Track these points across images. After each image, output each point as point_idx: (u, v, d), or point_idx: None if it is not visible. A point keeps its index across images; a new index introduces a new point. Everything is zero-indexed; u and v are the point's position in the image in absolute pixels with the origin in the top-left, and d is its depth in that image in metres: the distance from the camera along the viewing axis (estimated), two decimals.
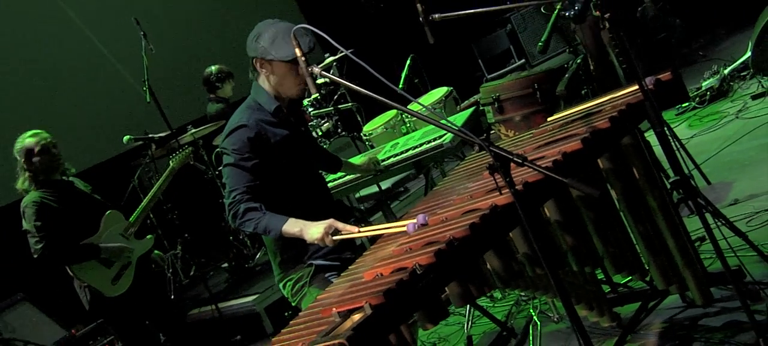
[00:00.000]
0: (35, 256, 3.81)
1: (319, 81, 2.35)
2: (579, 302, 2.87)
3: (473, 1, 2.59)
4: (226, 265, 6.02)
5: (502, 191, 2.15)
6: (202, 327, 5.27)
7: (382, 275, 2.06)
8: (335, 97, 6.24)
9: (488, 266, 2.28)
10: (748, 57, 5.79)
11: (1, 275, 5.28)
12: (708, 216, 2.77)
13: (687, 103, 5.68)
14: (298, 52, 2.31)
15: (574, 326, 2.13)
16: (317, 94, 2.45)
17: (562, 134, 2.65)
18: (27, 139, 3.87)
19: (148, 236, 4.24)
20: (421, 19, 2.52)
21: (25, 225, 3.81)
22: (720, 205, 3.76)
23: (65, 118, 6.37)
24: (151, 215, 5.66)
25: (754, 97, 5.31)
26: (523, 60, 7.29)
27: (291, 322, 2.14)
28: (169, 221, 6.04)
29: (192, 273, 6.01)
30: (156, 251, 4.28)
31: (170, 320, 4.25)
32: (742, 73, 5.86)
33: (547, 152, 2.50)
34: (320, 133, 5.80)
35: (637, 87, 2.58)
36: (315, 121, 5.88)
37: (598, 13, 2.54)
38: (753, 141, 4.58)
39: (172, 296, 5.62)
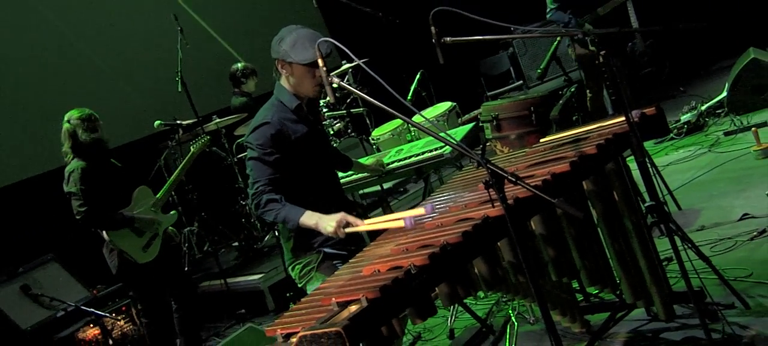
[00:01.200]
0: (78, 217, 3.81)
1: (334, 85, 2.33)
2: (554, 308, 2.87)
3: (481, 26, 2.56)
4: (236, 244, 6.01)
5: (495, 205, 2.13)
6: (210, 299, 5.27)
7: (379, 271, 2.05)
8: (348, 100, 6.23)
9: (476, 271, 2.27)
10: (724, 97, 5.79)
11: (34, 236, 5.26)
12: (677, 239, 2.79)
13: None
14: (320, 62, 2.30)
15: (548, 329, 2.13)
16: (331, 99, 2.43)
17: (552, 156, 2.63)
18: (75, 114, 3.91)
19: (172, 212, 4.25)
20: (433, 40, 2.50)
21: (70, 188, 3.81)
22: (688, 229, 3.75)
23: (106, 99, 6.31)
24: (174, 194, 5.65)
25: (727, 134, 5.30)
26: (520, 81, 7.30)
27: (293, 307, 2.12)
28: (188, 199, 6.03)
29: (205, 249, 6.00)
30: (171, 228, 4.28)
31: (183, 290, 4.23)
32: (717, 111, 5.86)
33: (537, 171, 2.49)
34: (332, 133, 5.78)
35: (624, 119, 2.58)
36: (328, 121, 5.86)
37: (594, 48, 2.54)
38: (722, 174, 4.57)
39: (186, 269, 5.61)
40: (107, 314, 4.86)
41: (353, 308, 1.87)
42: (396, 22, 5.92)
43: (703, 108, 5.88)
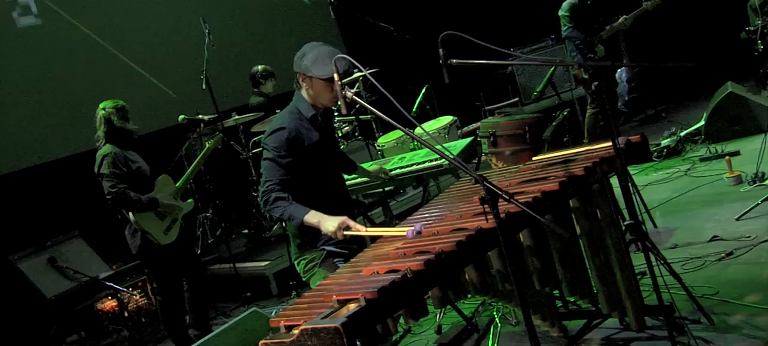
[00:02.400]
0: (108, 197, 3.80)
1: (347, 99, 2.34)
2: (535, 313, 2.84)
3: (485, 51, 2.56)
4: (246, 231, 6.00)
5: (488, 218, 2.11)
6: (219, 281, 5.25)
7: (378, 273, 2.02)
8: (357, 106, 6.21)
9: (466, 277, 2.24)
10: (702, 125, 5.77)
11: (62, 213, 5.24)
12: (651, 256, 2.77)
13: None
14: (336, 76, 2.31)
15: (528, 332, 2.11)
16: (344, 111, 2.46)
17: (543, 174, 2.61)
18: (110, 104, 3.91)
19: (189, 200, 4.23)
20: (441, 61, 2.49)
21: (102, 170, 3.81)
22: (662, 247, 3.74)
23: (137, 92, 6.35)
24: (192, 182, 5.64)
25: (702, 160, 5.28)
26: (517, 98, 7.29)
27: (296, 300, 2.10)
28: (205, 188, 6.00)
29: (218, 234, 5.97)
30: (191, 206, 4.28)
31: (195, 271, 4.21)
32: (695, 138, 5.84)
33: (528, 188, 2.47)
34: (340, 135, 5.76)
35: (611, 144, 2.55)
36: (337, 123, 5.84)
37: (587, 76, 2.52)
38: (696, 197, 4.54)
39: (199, 252, 5.60)
40: (124, 289, 4.86)
41: (352, 306, 1.85)
42: (406, 37, 5.91)
43: (682, 134, 5.87)
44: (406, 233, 2.28)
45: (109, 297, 5.01)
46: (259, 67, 6.14)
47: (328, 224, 2.51)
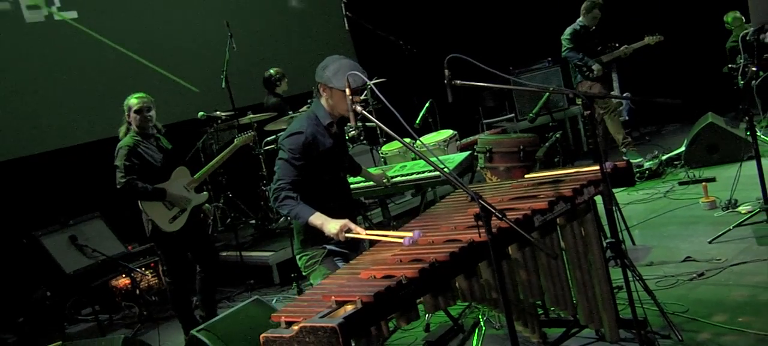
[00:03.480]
0: (118, 186, 3.79)
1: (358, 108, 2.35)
2: (518, 320, 2.81)
3: (486, 74, 2.56)
4: (253, 222, 5.97)
5: (481, 232, 2.09)
6: (226, 267, 5.20)
7: (375, 277, 2.00)
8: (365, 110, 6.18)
9: (457, 285, 2.22)
10: (682, 151, 5.76)
11: (86, 195, 5.23)
12: (628, 272, 2.75)
13: None
14: (347, 91, 2.32)
15: (510, 337, 2.09)
16: (353, 124, 2.49)
17: (534, 192, 2.58)
18: (132, 99, 3.88)
19: (204, 192, 4.19)
20: (446, 81, 2.47)
21: (116, 162, 3.80)
22: (638, 263, 3.72)
23: (163, 85, 6.39)
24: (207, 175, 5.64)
25: (681, 183, 5.26)
26: (512, 114, 7.27)
27: (297, 298, 2.08)
28: (218, 180, 6.00)
29: (227, 222, 5.96)
30: (206, 205, 4.24)
31: (208, 257, 4.20)
32: (675, 162, 5.83)
33: (520, 205, 2.44)
34: (346, 138, 5.74)
35: (598, 168, 2.54)
36: (346, 127, 5.83)
37: (579, 103, 2.51)
38: (673, 218, 4.52)
39: (211, 237, 5.57)
40: (137, 269, 4.85)
41: (349, 307, 1.84)
42: (414, 52, 5.90)
43: (664, 158, 5.86)
44: (403, 240, 2.26)
45: (124, 275, 5.00)
46: (272, 70, 6.13)
47: (331, 226, 2.50)
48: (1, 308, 5.10)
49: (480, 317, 3.30)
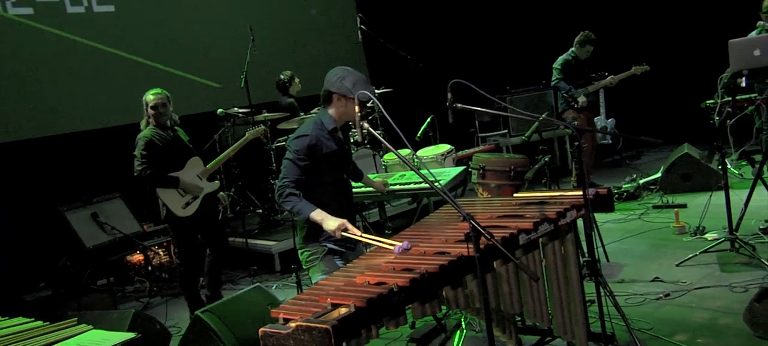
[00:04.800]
0: (135, 174, 3.80)
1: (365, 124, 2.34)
2: (497, 326, 2.80)
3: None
4: (260, 211, 5.94)
5: (470, 249, 2.07)
6: (232, 253, 5.17)
7: (369, 283, 1.98)
8: (369, 118, 6.17)
9: (444, 294, 2.19)
10: (659, 177, 5.73)
11: (109, 176, 5.21)
12: (601, 289, 2.73)
13: None
14: (357, 108, 2.34)
15: (489, 341, 2.08)
16: (359, 138, 2.52)
17: (520, 211, 2.56)
18: (149, 95, 3.87)
19: (216, 182, 4.17)
20: (447, 104, 2.46)
21: (135, 152, 3.80)
22: (610, 280, 3.70)
23: (185, 79, 6.40)
24: (221, 165, 5.60)
25: (655, 207, 5.25)
26: (506, 130, 7.25)
27: (297, 296, 2.05)
28: (231, 170, 5.97)
29: (237, 209, 5.93)
30: (222, 193, 4.22)
31: (219, 242, 4.18)
32: (651, 186, 5.80)
33: (507, 222, 2.41)
34: (352, 141, 5.71)
35: (581, 193, 2.51)
36: (350, 132, 5.80)
37: (569, 130, 2.48)
38: (645, 240, 4.51)
39: (221, 222, 5.55)
40: (150, 247, 4.84)
41: (343, 310, 1.81)
42: (420, 66, 5.87)
43: (641, 182, 5.84)
44: (394, 248, 2.24)
45: (138, 252, 4.98)
46: (283, 74, 6.10)
47: (330, 223, 2.50)
48: (27, 273, 5.11)
49: (462, 319, 3.28)
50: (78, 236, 4.53)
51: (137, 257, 5.10)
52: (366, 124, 2.27)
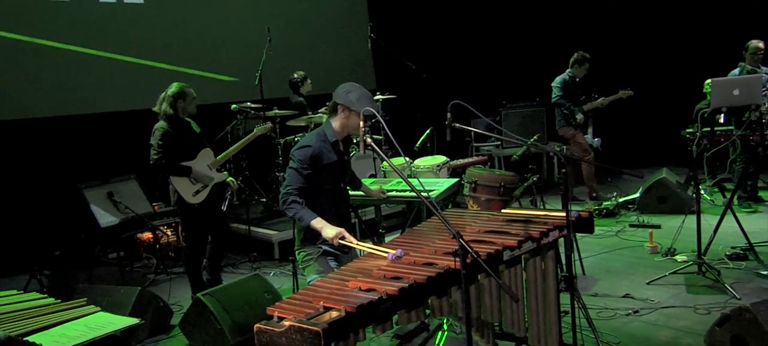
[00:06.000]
0: (151, 162, 3.78)
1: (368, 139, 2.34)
2: (476, 331, 2.79)
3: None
4: (264, 200, 5.91)
5: (456, 263, 2.05)
6: (235, 238, 5.17)
7: (360, 288, 1.96)
8: (374, 120, 6.12)
9: (429, 302, 2.18)
10: (637, 197, 5.72)
11: (127, 158, 5.18)
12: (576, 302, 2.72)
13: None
14: (361, 123, 2.35)
15: (467, 342, 2.06)
16: (362, 152, 2.55)
17: (506, 228, 2.54)
18: (174, 88, 3.83)
19: (224, 172, 4.14)
20: (446, 123, 2.45)
21: (152, 140, 3.77)
22: (584, 293, 3.68)
23: (202, 72, 6.35)
24: (231, 156, 5.58)
25: (632, 226, 5.23)
26: (499, 142, 7.23)
27: (292, 295, 2.02)
28: (239, 161, 5.95)
29: (243, 197, 5.91)
30: (230, 178, 4.20)
31: (221, 230, 4.16)
32: (629, 205, 5.79)
33: (494, 238, 2.39)
34: (354, 141, 5.67)
35: (564, 215, 2.50)
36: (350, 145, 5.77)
37: (557, 151, 2.46)
38: (621, 257, 4.49)
39: (225, 210, 5.53)
40: (159, 226, 4.82)
41: (334, 314, 1.79)
42: (424, 76, 5.84)
43: (620, 200, 5.82)
44: (387, 255, 2.22)
45: (148, 231, 4.96)
46: (296, 74, 6.08)
47: (329, 231, 2.48)
48: (43, 245, 5.11)
49: (444, 321, 3.27)
50: (93, 214, 4.51)
51: (147, 234, 5.08)
52: (369, 139, 2.25)
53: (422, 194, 2.08)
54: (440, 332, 3.15)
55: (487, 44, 8.21)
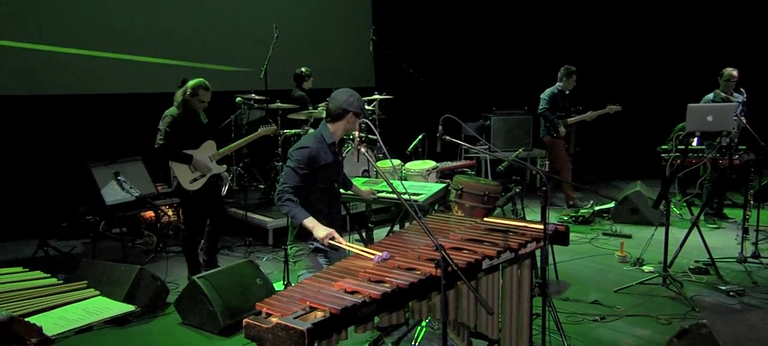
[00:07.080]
0: (155, 146, 3.74)
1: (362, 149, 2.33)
2: (453, 330, 2.80)
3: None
4: (262, 187, 5.87)
5: (438, 271, 2.05)
6: (232, 222, 5.13)
7: (346, 290, 1.95)
8: (370, 116, 6.10)
9: (410, 304, 2.18)
10: (611, 207, 5.75)
11: (135, 140, 5.11)
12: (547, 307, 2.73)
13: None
14: (356, 133, 2.41)
15: (443, 341, 2.06)
16: (359, 159, 2.58)
17: (487, 237, 2.53)
18: (192, 84, 3.77)
19: (223, 166, 4.09)
20: (437, 135, 2.44)
21: (160, 126, 3.73)
22: (556, 297, 3.70)
23: (210, 60, 6.28)
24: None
25: (605, 234, 5.25)
26: (487, 146, 7.22)
27: (280, 292, 2.01)
28: (241, 149, 5.89)
29: (242, 183, 5.88)
30: (225, 173, 4.15)
31: (219, 215, 4.12)
32: (604, 214, 5.81)
33: (474, 247, 2.38)
34: (350, 137, 5.64)
35: (542, 228, 2.50)
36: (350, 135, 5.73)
37: (542, 169, 2.46)
38: (592, 264, 4.50)
39: (223, 195, 5.50)
40: (160, 206, 4.78)
41: (319, 314, 1.78)
42: (421, 80, 5.81)
43: (596, 209, 5.84)
44: (374, 258, 2.21)
45: (150, 210, 4.92)
46: (303, 69, 6.02)
47: (320, 231, 2.46)
48: (51, 219, 5.08)
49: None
50: (99, 192, 4.46)
51: (149, 213, 5.04)
52: (363, 149, 2.24)
53: (408, 199, 2.06)
54: (419, 328, 3.15)
55: (481, 53, 8.18)
